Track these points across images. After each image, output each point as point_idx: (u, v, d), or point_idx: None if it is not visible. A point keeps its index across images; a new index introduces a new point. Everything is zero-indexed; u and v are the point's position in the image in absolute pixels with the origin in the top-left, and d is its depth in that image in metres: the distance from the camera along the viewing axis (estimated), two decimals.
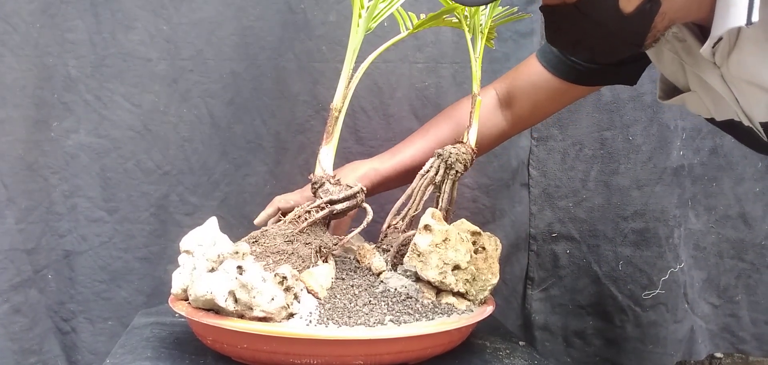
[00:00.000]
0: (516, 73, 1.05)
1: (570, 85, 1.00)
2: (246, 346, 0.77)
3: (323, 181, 0.90)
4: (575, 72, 0.98)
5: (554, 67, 0.99)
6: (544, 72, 1.00)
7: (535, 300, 1.32)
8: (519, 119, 1.06)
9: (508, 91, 1.05)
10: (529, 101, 1.03)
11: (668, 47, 0.86)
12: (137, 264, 1.22)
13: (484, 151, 1.12)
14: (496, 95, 1.06)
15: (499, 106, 1.06)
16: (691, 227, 1.34)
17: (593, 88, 1.05)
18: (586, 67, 0.97)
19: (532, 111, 1.05)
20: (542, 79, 1.00)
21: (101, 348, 1.20)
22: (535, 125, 1.14)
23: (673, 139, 1.30)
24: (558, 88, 1.00)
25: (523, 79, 1.03)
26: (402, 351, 0.79)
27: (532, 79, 1.02)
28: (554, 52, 0.99)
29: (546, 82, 1.00)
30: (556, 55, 0.99)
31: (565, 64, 0.98)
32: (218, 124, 1.22)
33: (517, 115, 1.05)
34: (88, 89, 1.19)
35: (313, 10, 1.21)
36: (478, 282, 0.87)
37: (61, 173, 1.19)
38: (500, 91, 1.06)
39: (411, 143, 1.05)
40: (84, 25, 1.17)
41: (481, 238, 0.89)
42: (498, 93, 1.06)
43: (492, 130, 1.05)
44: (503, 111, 1.06)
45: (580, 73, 0.98)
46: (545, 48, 1.01)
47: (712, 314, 1.36)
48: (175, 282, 0.84)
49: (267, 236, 0.86)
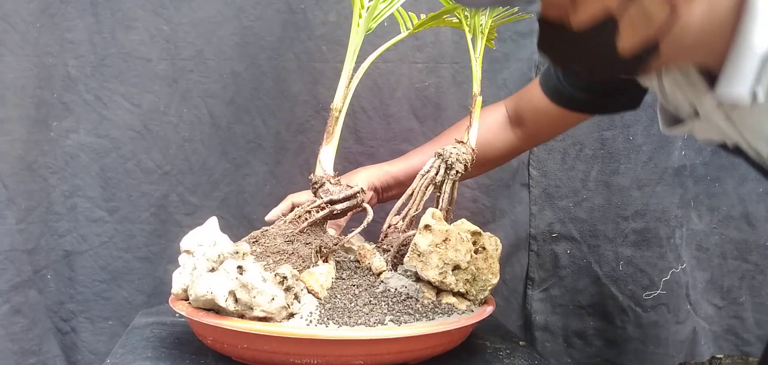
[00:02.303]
0: (523, 95, 1.06)
1: (569, 112, 1.00)
2: (246, 346, 0.77)
3: (323, 181, 0.90)
4: (574, 101, 0.98)
5: (553, 94, 1.00)
6: (544, 98, 1.01)
7: (536, 300, 1.32)
8: (527, 137, 1.07)
9: (516, 111, 1.06)
10: (533, 123, 1.05)
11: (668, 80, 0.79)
12: (137, 264, 1.22)
13: (498, 164, 1.14)
14: (507, 112, 1.08)
15: (510, 123, 1.07)
16: (693, 227, 1.34)
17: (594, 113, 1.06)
18: (584, 97, 0.97)
19: (538, 131, 1.07)
20: (543, 105, 1.01)
21: (101, 348, 1.20)
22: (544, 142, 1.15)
23: (675, 139, 1.30)
24: (558, 114, 1.01)
25: (528, 101, 1.04)
26: (402, 351, 0.79)
27: (534, 104, 1.03)
28: (554, 82, 0.99)
29: (547, 108, 1.01)
30: (556, 84, 0.99)
31: (564, 95, 0.98)
32: (218, 124, 1.22)
33: (526, 133, 1.07)
34: (87, 89, 1.19)
35: (313, 10, 1.21)
36: (479, 282, 0.87)
37: (60, 172, 1.19)
38: (510, 109, 1.07)
39: (423, 150, 1.07)
40: (84, 25, 1.17)
41: (481, 238, 0.89)
42: (508, 110, 1.08)
43: (503, 145, 1.08)
44: (513, 128, 1.07)
45: (580, 102, 0.98)
46: (546, 74, 1.01)
47: (715, 315, 1.36)
48: (175, 282, 0.84)
49: (267, 236, 0.86)
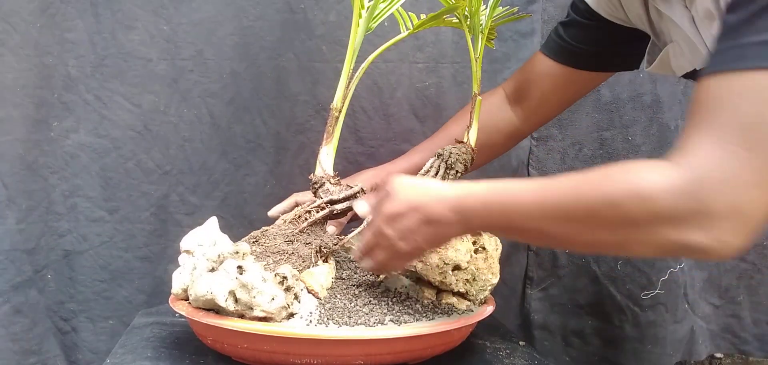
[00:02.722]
0: (522, 70, 1.07)
1: (572, 72, 1.01)
2: (246, 346, 0.78)
3: (323, 181, 0.90)
4: (576, 56, 1.00)
5: (556, 53, 1.01)
6: (546, 60, 1.02)
7: (535, 299, 1.32)
8: (529, 113, 1.07)
9: (516, 86, 1.07)
10: (536, 93, 1.04)
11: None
12: (137, 264, 1.22)
13: (499, 149, 1.14)
14: (504, 93, 1.08)
15: (508, 102, 1.08)
16: None
17: (597, 77, 1.05)
18: (586, 50, 0.99)
19: (540, 103, 1.05)
20: (546, 69, 1.02)
21: (101, 347, 1.20)
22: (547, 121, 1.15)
23: (673, 139, 1.30)
24: (561, 75, 1.01)
25: (529, 72, 1.05)
26: (402, 351, 0.79)
27: (536, 70, 1.03)
28: (555, 40, 1.01)
29: (549, 69, 1.02)
30: (557, 42, 1.01)
31: (566, 50, 1.00)
32: (218, 124, 1.22)
33: (527, 109, 1.06)
34: (88, 89, 1.19)
35: (313, 10, 1.21)
36: (478, 282, 0.87)
37: (61, 172, 1.19)
38: (508, 88, 1.08)
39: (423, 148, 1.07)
40: (84, 25, 1.17)
41: (481, 238, 0.89)
42: (506, 91, 1.08)
43: (504, 126, 1.07)
44: (513, 107, 1.07)
45: (579, 56, 1.00)
46: (548, 40, 1.03)
47: (713, 314, 1.36)
48: (175, 282, 0.84)
49: (267, 236, 0.86)
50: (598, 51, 0.99)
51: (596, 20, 0.96)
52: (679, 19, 0.81)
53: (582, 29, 0.98)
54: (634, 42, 0.96)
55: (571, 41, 0.99)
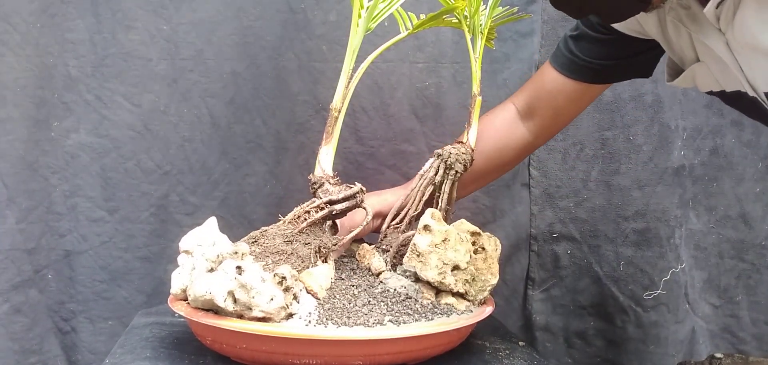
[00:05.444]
0: (533, 84, 1.05)
1: (587, 87, 1.00)
2: (245, 346, 0.77)
3: (323, 181, 0.90)
4: (590, 71, 0.98)
5: (569, 70, 0.99)
6: (559, 77, 1.00)
7: (536, 300, 1.32)
8: (542, 129, 1.05)
9: (527, 102, 1.05)
10: (549, 109, 1.03)
11: (672, 15, 0.84)
12: (137, 264, 1.22)
13: (511, 165, 1.13)
14: (516, 108, 1.06)
15: (520, 118, 1.06)
16: (691, 227, 1.34)
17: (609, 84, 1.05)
18: (599, 65, 0.97)
19: (554, 118, 1.04)
20: (558, 85, 1.00)
21: (101, 347, 1.20)
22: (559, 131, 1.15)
23: (674, 139, 1.30)
24: (575, 90, 1.00)
25: (540, 87, 1.03)
26: (401, 352, 0.79)
27: (548, 87, 1.02)
28: (566, 55, 0.99)
29: (562, 86, 1.00)
30: (568, 57, 0.99)
31: (578, 66, 0.98)
32: (218, 124, 1.22)
33: (540, 125, 1.05)
34: (88, 89, 1.19)
35: (313, 10, 1.21)
36: (478, 283, 0.87)
37: (61, 172, 1.19)
38: (519, 103, 1.06)
39: None
40: (84, 25, 1.17)
41: (480, 238, 0.89)
42: (517, 106, 1.06)
43: (516, 142, 1.06)
44: (525, 122, 1.05)
45: (594, 71, 0.98)
46: (557, 53, 1.01)
47: (712, 314, 1.36)
48: (174, 282, 0.84)
49: (266, 236, 0.86)
50: (612, 64, 0.97)
51: (610, 33, 0.95)
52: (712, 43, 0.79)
53: (594, 43, 0.97)
54: (647, 51, 0.95)
55: (584, 56, 0.97)
